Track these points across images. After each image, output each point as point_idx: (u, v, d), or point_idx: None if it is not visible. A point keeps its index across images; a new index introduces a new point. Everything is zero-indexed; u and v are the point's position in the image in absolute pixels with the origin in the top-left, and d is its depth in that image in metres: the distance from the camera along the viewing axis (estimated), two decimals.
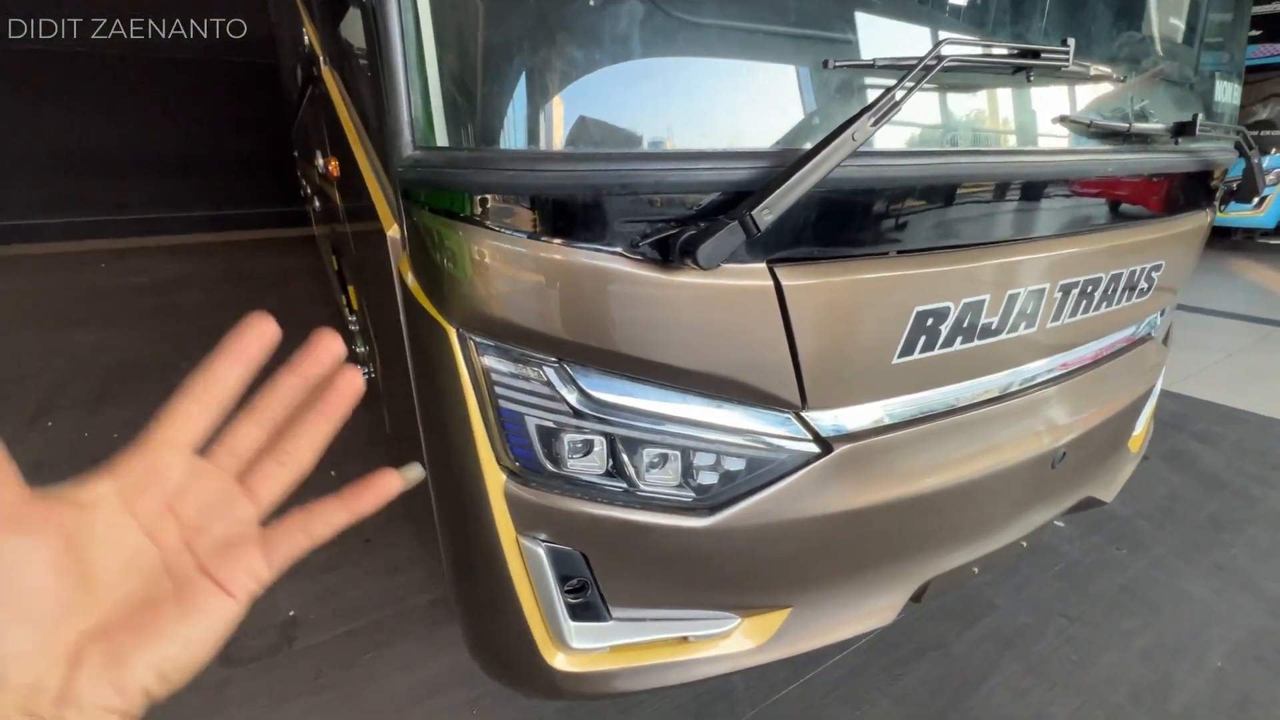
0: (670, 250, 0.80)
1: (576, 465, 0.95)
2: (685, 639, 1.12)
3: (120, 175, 4.61)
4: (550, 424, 0.92)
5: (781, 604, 1.16)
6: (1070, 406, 1.36)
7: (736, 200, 0.80)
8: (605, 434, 0.93)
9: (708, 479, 1.00)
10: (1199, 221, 1.51)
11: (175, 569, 0.32)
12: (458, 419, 0.94)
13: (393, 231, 1.02)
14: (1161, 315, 1.67)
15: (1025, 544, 1.51)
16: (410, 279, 0.98)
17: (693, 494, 1.01)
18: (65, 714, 0.27)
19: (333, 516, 0.35)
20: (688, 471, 0.99)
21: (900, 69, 0.81)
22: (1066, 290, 1.22)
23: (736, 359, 0.93)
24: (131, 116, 4.43)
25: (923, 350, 1.06)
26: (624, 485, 0.97)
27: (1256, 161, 1.41)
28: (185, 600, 0.31)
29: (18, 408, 3.01)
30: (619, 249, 0.81)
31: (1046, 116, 1.09)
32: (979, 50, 0.92)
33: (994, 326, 1.14)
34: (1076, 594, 1.99)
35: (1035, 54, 0.93)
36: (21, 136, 4.28)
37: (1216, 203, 1.60)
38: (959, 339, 1.10)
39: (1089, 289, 1.26)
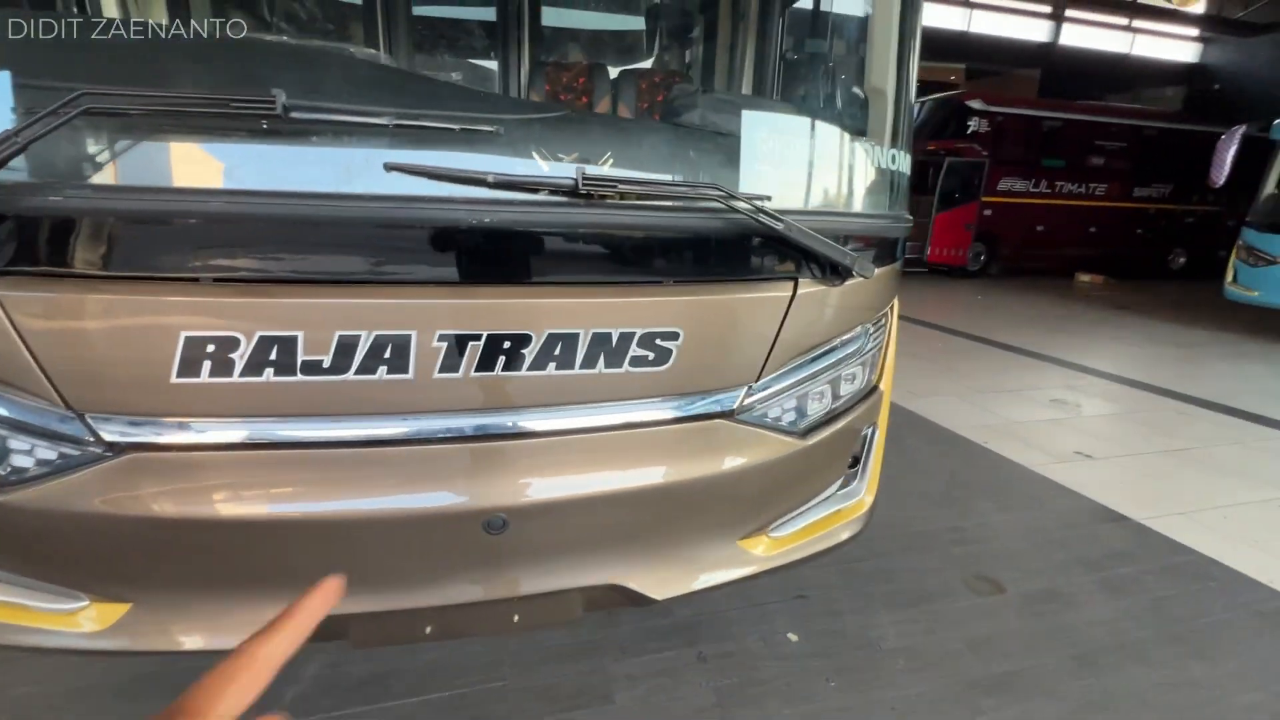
0: None
1: None
2: (25, 606, 1.21)
3: None
4: None
5: (115, 597, 1.21)
6: (513, 472, 1.24)
7: None
8: None
9: None
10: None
11: None
12: None
13: None
14: (750, 391, 1.39)
15: (517, 618, 1.38)
16: None
17: None
18: None
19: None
20: None
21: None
22: (462, 342, 1.13)
23: None
24: None
25: (214, 375, 1.06)
26: None
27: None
28: None
29: None
30: None
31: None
32: (143, 99, 0.88)
33: (326, 366, 1.10)
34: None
35: (227, 104, 0.91)
36: None
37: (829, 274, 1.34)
38: (270, 371, 1.08)
39: (504, 345, 1.15)
